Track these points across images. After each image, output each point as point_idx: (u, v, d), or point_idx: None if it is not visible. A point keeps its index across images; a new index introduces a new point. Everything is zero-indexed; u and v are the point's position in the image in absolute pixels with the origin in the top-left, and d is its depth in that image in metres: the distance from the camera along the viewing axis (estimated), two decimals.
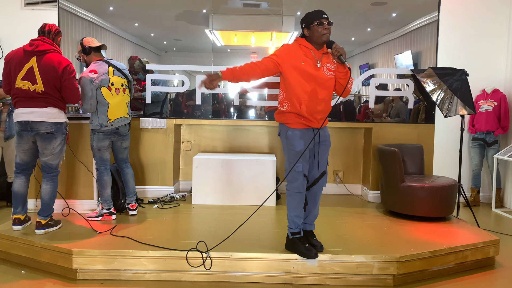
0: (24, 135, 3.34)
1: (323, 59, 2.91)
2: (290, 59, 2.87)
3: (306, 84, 2.86)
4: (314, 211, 3.14)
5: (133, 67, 4.82)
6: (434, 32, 4.75)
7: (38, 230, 3.38)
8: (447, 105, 4.34)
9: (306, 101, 2.86)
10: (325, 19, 2.82)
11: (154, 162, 4.80)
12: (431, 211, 3.93)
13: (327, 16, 2.84)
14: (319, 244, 3.07)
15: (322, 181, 3.07)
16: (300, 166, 2.89)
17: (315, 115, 2.89)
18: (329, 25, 2.83)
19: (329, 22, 2.83)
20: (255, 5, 4.94)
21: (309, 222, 3.17)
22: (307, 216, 3.14)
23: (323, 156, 3.04)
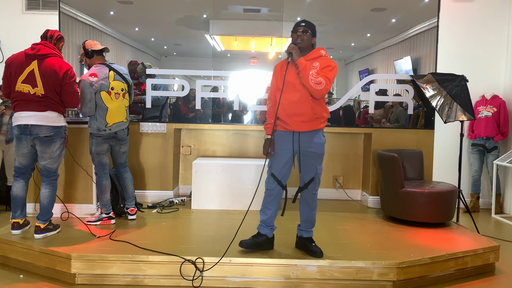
0: (23, 139, 3.34)
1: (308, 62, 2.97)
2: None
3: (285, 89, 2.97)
4: (308, 217, 3.13)
5: (135, 72, 4.82)
6: (433, 38, 4.77)
7: (37, 235, 3.37)
8: (446, 110, 4.35)
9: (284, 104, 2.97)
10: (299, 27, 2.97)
11: (154, 167, 4.80)
12: (430, 216, 3.93)
13: (303, 24, 2.98)
14: (319, 250, 3.06)
15: (311, 187, 3.04)
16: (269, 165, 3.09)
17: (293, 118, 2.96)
18: (304, 33, 2.96)
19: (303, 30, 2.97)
20: (255, 11, 4.96)
21: (304, 228, 3.17)
22: (301, 221, 3.17)
23: (306, 163, 3.02)
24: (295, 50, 2.92)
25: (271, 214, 3.16)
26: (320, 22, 5.07)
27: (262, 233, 3.19)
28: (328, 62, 2.94)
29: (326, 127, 4.87)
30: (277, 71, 3.08)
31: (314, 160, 3.02)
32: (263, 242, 3.17)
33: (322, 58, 2.97)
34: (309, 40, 3.00)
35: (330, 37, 5.14)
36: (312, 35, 3.01)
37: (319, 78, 2.84)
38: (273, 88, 3.10)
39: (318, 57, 2.98)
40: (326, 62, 2.93)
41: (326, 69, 2.90)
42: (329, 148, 5.12)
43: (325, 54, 3.02)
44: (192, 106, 4.89)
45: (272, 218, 3.18)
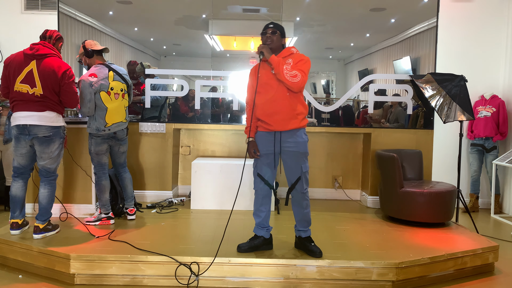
0: (21, 139, 3.34)
1: None
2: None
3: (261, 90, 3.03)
4: (302, 217, 3.12)
5: (134, 72, 4.82)
6: (433, 38, 4.77)
7: (36, 235, 3.36)
8: (446, 110, 4.35)
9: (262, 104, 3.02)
10: (268, 29, 3.03)
11: (153, 167, 4.79)
12: (430, 216, 3.93)
13: (272, 26, 3.03)
14: (318, 250, 3.06)
15: (299, 187, 3.03)
16: (255, 165, 3.14)
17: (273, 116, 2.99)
18: (273, 34, 3.00)
19: (272, 31, 3.01)
20: (255, 11, 4.96)
21: (301, 228, 3.17)
22: (297, 221, 3.17)
23: (290, 163, 3.03)
24: (265, 49, 2.96)
25: (264, 216, 3.17)
26: (319, 22, 5.07)
27: (258, 235, 3.19)
28: (300, 56, 2.98)
29: (325, 127, 4.94)
30: (253, 74, 3.12)
31: (298, 159, 3.01)
32: (261, 243, 3.17)
33: (294, 55, 3.01)
34: (279, 40, 3.03)
35: (329, 37, 5.14)
36: (281, 36, 3.04)
37: (293, 71, 2.88)
38: (249, 91, 3.13)
39: (289, 54, 3.02)
40: (299, 57, 2.97)
41: (300, 63, 2.94)
42: (329, 148, 5.12)
43: (297, 51, 3.06)
44: (192, 105, 4.89)
45: (266, 219, 3.18)
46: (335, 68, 5.30)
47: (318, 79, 5.35)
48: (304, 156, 3.04)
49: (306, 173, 3.06)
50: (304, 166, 3.04)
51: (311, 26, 5.07)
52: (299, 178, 3.02)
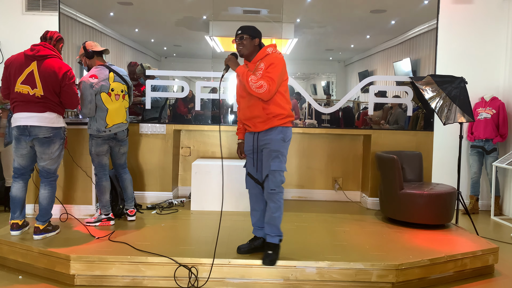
0: (22, 140, 3.34)
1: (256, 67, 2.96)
2: None
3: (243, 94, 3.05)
4: (269, 220, 2.99)
5: (134, 73, 4.83)
6: (433, 39, 4.78)
7: (36, 236, 3.37)
8: (446, 112, 4.35)
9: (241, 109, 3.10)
10: (237, 36, 3.00)
11: (153, 168, 4.80)
12: (430, 218, 3.93)
13: (240, 32, 2.99)
14: (270, 259, 2.97)
15: (266, 185, 2.97)
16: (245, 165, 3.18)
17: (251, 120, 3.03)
18: (241, 40, 2.97)
19: (240, 37, 2.98)
20: (255, 12, 4.97)
21: (268, 232, 3.02)
22: (265, 223, 3.05)
23: (262, 160, 3.03)
24: (231, 62, 2.98)
25: (259, 216, 3.14)
26: (320, 24, 5.08)
27: (258, 236, 3.18)
28: (271, 60, 2.88)
29: (325, 128, 4.94)
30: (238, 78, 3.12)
31: (268, 157, 2.95)
32: (261, 244, 3.15)
33: (267, 57, 2.92)
34: (251, 44, 2.97)
35: (329, 39, 5.15)
36: (251, 37, 2.97)
37: (259, 82, 2.82)
38: (237, 94, 3.16)
39: (264, 56, 2.95)
40: (270, 60, 2.88)
41: (270, 68, 2.85)
42: (329, 150, 5.13)
43: (272, 51, 2.96)
44: (191, 107, 4.89)
45: (262, 219, 3.13)
46: (335, 70, 5.30)
47: (319, 80, 5.35)
48: (275, 154, 2.93)
49: (276, 172, 2.92)
50: (274, 165, 2.92)
51: (311, 27, 5.07)
52: (267, 176, 2.95)
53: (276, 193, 2.94)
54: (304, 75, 5.30)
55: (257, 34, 3.00)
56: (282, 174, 2.96)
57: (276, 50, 2.99)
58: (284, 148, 2.97)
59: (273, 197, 2.95)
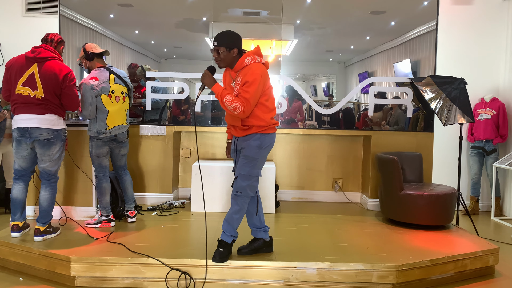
0: (22, 142, 3.35)
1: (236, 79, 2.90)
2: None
3: None
4: (228, 217, 3.00)
5: (134, 75, 4.83)
6: (432, 40, 4.78)
7: (37, 237, 3.37)
8: (446, 113, 4.35)
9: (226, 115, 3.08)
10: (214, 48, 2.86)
11: (153, 169, 4.80)
12: (430, 219, 3.93)
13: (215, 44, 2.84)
14: (220, 256, 2.98)
15: (234, 187, 2.99)
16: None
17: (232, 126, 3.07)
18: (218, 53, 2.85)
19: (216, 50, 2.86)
20: (255, 13, 4.98)
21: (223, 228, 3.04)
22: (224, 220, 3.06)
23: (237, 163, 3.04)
24: (207, 79, 2.87)
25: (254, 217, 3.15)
26: (320, 25, 5.09)
27: (257, 237, 3.18)
28: (246, 76, 2.78)
29: (326, 129, 4.95)
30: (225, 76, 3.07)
31: (241, 161, 2.97)
32: (261, 246, 3.16)
33: (244, 70, 2.82)
34: (228, 55, 2.84)
35: (329, 40, 5.15)
36: (229, 49, 2.83)
37: (233, 104, 2.77)
38: None
39: (242, 68, 2.85)
40: (245, 76, 2.79)
41: (245, 87, 2.78)
42: (329, 151, 5.13)
43: (250, 61, 2.84)
44: (185, 108, 4.90)
45: (257, 219, 3.13)
46: (335, 71, 5.31)
47: (319, 81, 5.36)
48: (247, 159, 2.92)
49: (244, 176, 2.92)
50: (244, 169, 2.92)
51: (311, 29, 5.08)
52: (236, 178, 2.97)
53: (241, 196, 2.95)
54: (304, 76, 5.31)
55: (235, 43, 2.84)
56: (251, 179, 2.95)
57: (254, 59, 2.86)
58: (259, 155, 2.94)
59: (237, 200, 2.96)
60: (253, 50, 2.94)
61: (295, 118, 5.07)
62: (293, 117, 5.07)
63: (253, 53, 2.90)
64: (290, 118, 5.07)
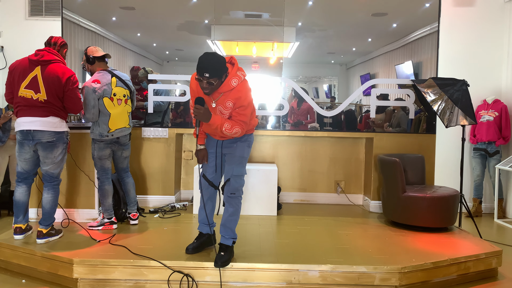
0: (25, 144, 3.36)
1: (220, 99, 2.82)
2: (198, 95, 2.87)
3: None
4: (225, 222, 3.03)
5: (136, 77, 4.85)
6: (434, 42, 4.78)
7: (39, 239, 3.38)
8: (448, 115, 4.35)
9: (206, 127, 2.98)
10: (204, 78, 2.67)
11: (156, 171, 4.81)
12: (432, 221, 3.92)
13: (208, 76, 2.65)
14: (222, 261, 2.95)
15: (226, 189, 3.01)
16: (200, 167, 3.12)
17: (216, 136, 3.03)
18: (210, 84, 2.69)
19: (208, 82, 2.68)
20: (257, 16, 4.99)
21: (223, 233, 3.04)
22: (221, 225, 3.06)
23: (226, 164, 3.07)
24: (203, 115, 2.74)
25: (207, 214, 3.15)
26: (321, 27, 5.09)
27: (204, 233, 3.24)
28: (240, 101, 2.77)
29: (328, 131, 4.95)
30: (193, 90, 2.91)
31: (232, 161, 3.00)
32: (207, 240, 3.23)
33: (234, 94, 2.77)
34: (219, 82, 2.73)
35: (331, 42, 5.16)
36: (220, 77, 2.70)
37: (234, 129, 2.79)
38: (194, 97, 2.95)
39: (230, 90, 2.77)
40: (239, 102, 2.77)
41: (240, 110, 2.79)
42: (331, 153, 5.13)
43: (238, 82, 2.78)
44: (180, 111, 4.91)
45: (210, 216, 3.15)
46: (337, 73, 5.32)
47: (320, 83, 5.37)
48: (238, 159, 2.98)
49: (237, 177, 2.98)
50: (237, 170, 2.97)
51: (313, 31, 5.09)
52: (228, 180, 2.99)
53: (235, 197, 3.01)
54: (306, 78, 5.31)
55: (225, 70, 2.73)
56: (243, 178, 3.04)
57: (240, 79, 2.79)
58: (247, 153, 3.06)
59: (232, 201, 3.01)
60: (234, 68, 2.81)
61: (303, 121, 5.07)
62: (301, 119, 5.08)
63: (235, 70, 2.80)
64: (298, 120, 5.07)
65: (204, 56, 2.68)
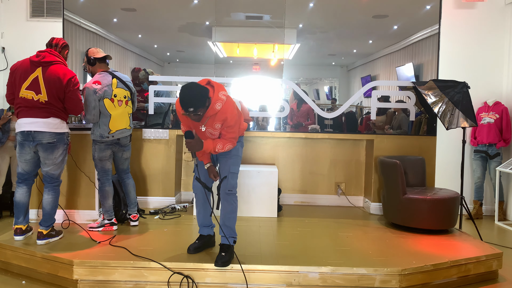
0: (26, 145, 3.36)
1: (208, 122, 2.93)
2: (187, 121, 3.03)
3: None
4: (222, 219, 3.10)
5: (137, 78, 4.85)
6: (435, 44, 4.78)
7: (40, 241, 3.38)
8: (448, 117, 4.35)
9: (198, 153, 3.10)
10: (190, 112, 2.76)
11: (156, 173, 4.81)
12: (433, 223, 3.92)
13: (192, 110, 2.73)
14: (223, 260, 2.98)
15: (223, 185, 3.07)
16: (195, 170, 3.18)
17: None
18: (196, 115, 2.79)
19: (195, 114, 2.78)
20: (258, 18, 5.00)
21: (221, 233, 3.09)
22: (221, 225, 3.10)
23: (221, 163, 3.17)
24: (195, 147, 2.90)
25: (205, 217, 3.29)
26: (322, 29, 5.10)
27: (205, 234, 3.32)
28: (227, 121, 2.88)
29: (328, 133, 4.95)
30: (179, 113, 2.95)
31: (228, 159, 3.11)
32: (208, 241, 3.33)
33: (220, 116, 2.87)
34: (204, 111, 2.82)
35: (332, 44, 5.17)
36: (203, 107, 2.78)
37: (226, 146, 2.96)
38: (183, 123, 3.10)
39: (215, 114, 2.86)
40: (226, 123, 2.89)
41: (228, 129, 2.92)
42: (331, 155, 5.13)
43: (222, 105, 2.85)
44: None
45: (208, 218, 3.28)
46: (338, 75, 5.32)
47: (321, 85, 5.37)
48: (234, 158, 3.12)
49: (234, 174, 3.10)
50: (232, 167, 3.10)
51: (313, 32, 5.09)
52: (225, 177, 3.07)
53: (233, 194, 3.10)
54: (306, 80, 5.32)
55: (207, 97, 2.80)
56: (237, 176, 3.16)
57: (222, 101, 2.85)
58: (241, 152, 3.21)
59: (230, 198, 3.09)
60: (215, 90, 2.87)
61: (303, 122, 5.07)
62: (301, 121, 5.08)
63: (217, 93, 2.86)
64: (298, 122, 5.08)
65: (184, 92, 2.75)
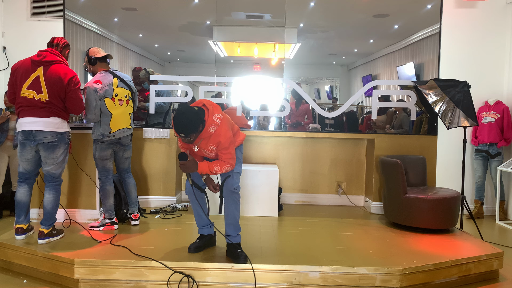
0: (27, 145, 3.37)
1: (201, 143, 2.97)
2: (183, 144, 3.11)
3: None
4: (231, 220, 3.12)
5: (137, 78, 4.86)
6: (436, 44, 4.78)
7: (41, 240, 3.38)
8: (449, 116, 4.34)
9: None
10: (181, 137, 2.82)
11: (157, 172, 4.81)
12: (434, 223, 3.91)
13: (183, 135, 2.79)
14: (243, 256, 3.05)
15: (228, 184, 3.08)
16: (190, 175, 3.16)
17: None
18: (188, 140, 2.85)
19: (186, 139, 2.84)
20: (258, 17, 5.00)
21: (231, 233, 3.12)
22: (226, 225, 3.15)
23: None
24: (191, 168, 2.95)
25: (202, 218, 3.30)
26: (323, 28, 5.10)
27: (205, 234, 3.34)
28: (222, 144, 2.91)
29: (329, 132, 4.95)
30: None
31: None
32: (209, 240, 3.35)
33: (214, 139, 2.92)
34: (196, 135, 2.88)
35: (332, 43, 5.16)
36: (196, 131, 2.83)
37: (224, 168, 2.97)
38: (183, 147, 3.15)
39: (209, 136, 2.92)
40: (221, 145, 2.92)
41: (224, 151, 2.94)
42: (332, 154, 5.12)
43: (216, 128, 2.89)
44: None
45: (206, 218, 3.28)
46: (338, 74, 5.32)
47: (322, 85, 5.37)
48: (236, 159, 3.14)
49: (238, 174, 3.14)
50: (236, 167, 3.13)
51: (314, 32, 5.09)
52: (228, 176, 3.09)
53: (237, 192, 3.12)
54: (307, 79, 5.32)
55: (200, 122, 2.84)
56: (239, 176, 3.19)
57: (217, 124, 2.89)
58: (241, 155, 3.23)
59: (234, 196, 3.10)
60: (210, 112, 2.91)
61: (302, 122, 5.07)
62: (300, 120, 5.08)
63: (211, 116, 2.90)
64: (296, 121, 5.08)
65: (177, 117, 2.80)
